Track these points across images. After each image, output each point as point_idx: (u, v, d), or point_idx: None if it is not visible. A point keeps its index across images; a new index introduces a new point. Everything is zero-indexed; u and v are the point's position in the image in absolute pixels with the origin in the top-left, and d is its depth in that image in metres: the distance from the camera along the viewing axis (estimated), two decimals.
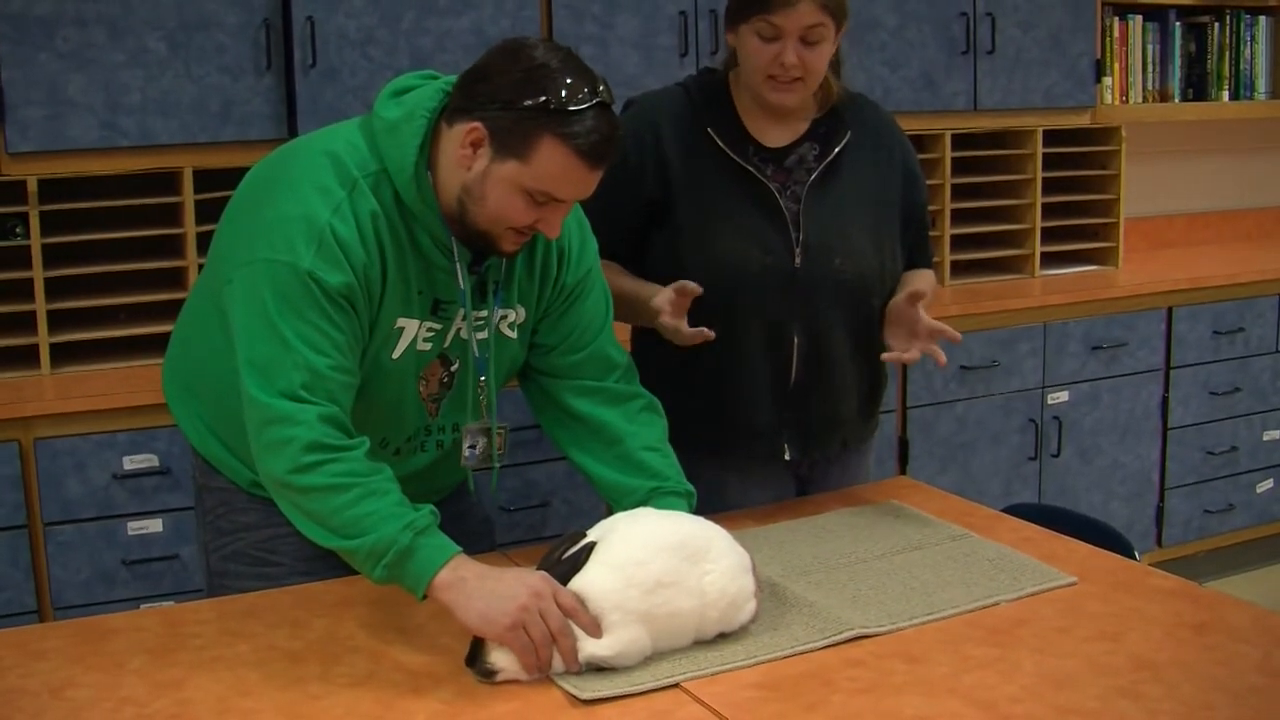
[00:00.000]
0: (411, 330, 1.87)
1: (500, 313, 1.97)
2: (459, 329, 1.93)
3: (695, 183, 2.23)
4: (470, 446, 1.98)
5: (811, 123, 2.28)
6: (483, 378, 1.96)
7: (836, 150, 2.25)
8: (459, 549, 1.71)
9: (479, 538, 2.16)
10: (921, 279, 2.35)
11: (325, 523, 1.71)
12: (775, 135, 2.26)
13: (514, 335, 2.00)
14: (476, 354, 1.94)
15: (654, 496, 1.95)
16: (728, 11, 2.21)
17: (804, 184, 2.24)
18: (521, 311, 2.01)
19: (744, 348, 2.23)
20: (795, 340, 2.23)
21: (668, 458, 2.02)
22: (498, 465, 2.02)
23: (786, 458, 2.30)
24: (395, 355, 1.86)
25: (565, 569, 1.65)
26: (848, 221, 2.26)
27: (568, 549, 1.68)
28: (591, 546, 1.66)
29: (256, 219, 1.81)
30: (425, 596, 1.68)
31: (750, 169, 2.22)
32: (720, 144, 2.22)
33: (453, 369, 1.96)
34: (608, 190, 2.18)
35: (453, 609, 1.65)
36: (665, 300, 2.07)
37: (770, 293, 2.21)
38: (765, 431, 2.28)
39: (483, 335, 1.96)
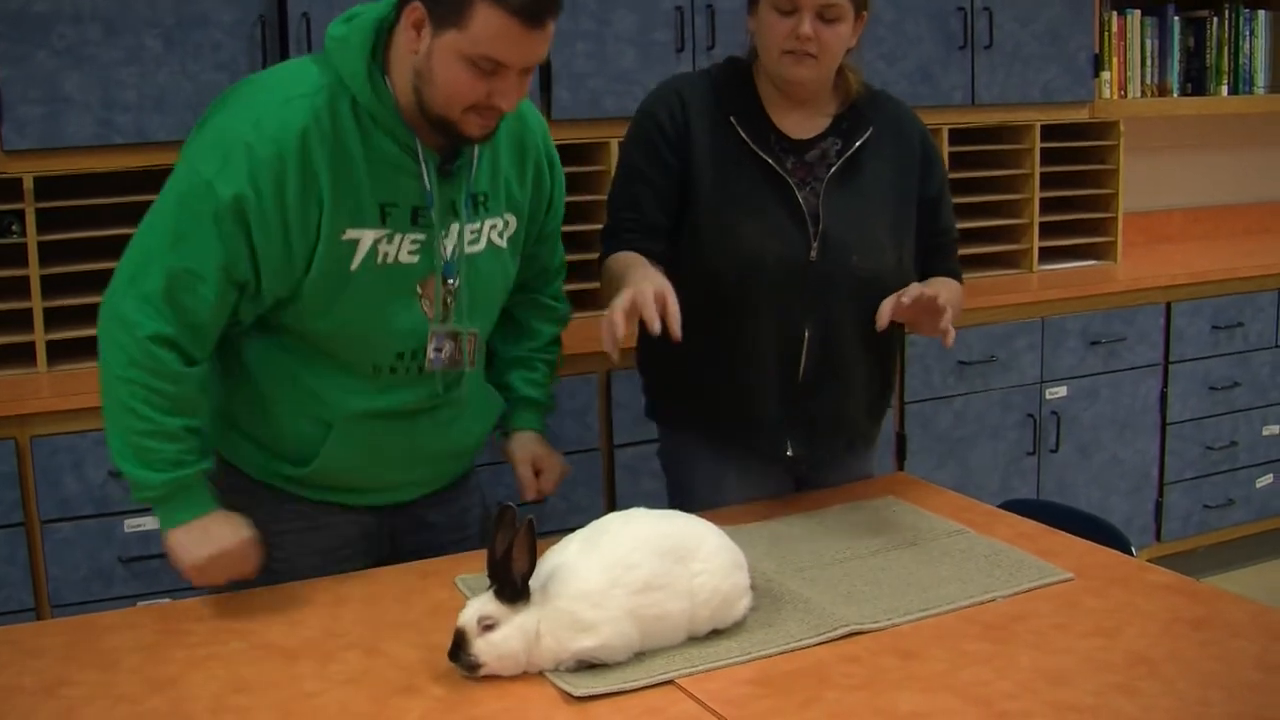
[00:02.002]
0: (367, 240, 1.88)
1: (490, 222, 2.00)
2: (454, 242, 1.96)
3: (716, 168, 2.22)
4: (436, 349, 1.98)
5: (834, 118, 2.28)
6: (451, 280, 1.97)
7: (858, 144, 2.24)
8: (195, 515, 1.88)
9: (478, 538, 2.16)
10: (938, 283, 2.29)
11: (117, 432, 1.89)
12: (798, 127, 2.26)
13: (504, 244, 2.04)
14: (446, 256, 1.95)
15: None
16: None
17: (824, 179, 2.22)
18: (512, 220, 2.05)
19: (755, 341, 2.22)
20: (806, 335, 2.21)
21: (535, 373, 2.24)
22: (467, 370, 2.03)
23: (789, 454, 2.29)
24: (354, 267, 1.88)
25: (496, 541, 1.61)
26: (867, 217, 2.24)
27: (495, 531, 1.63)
28: (508, 508, 1.63)
29: (188, 144, 1.90)
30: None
31: (770, 161, 2.21)
32: (742, 134, 2.22)
33: (454, 285, 1.97)
34: (645, 155, 2.24)
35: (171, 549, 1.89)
36: (627, 300, 1.87)
37: (784, 286, 2.19)
38: (770, 426, 2.27)
39: (478, 248, 1.99)
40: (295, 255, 1.85)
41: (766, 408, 2.25)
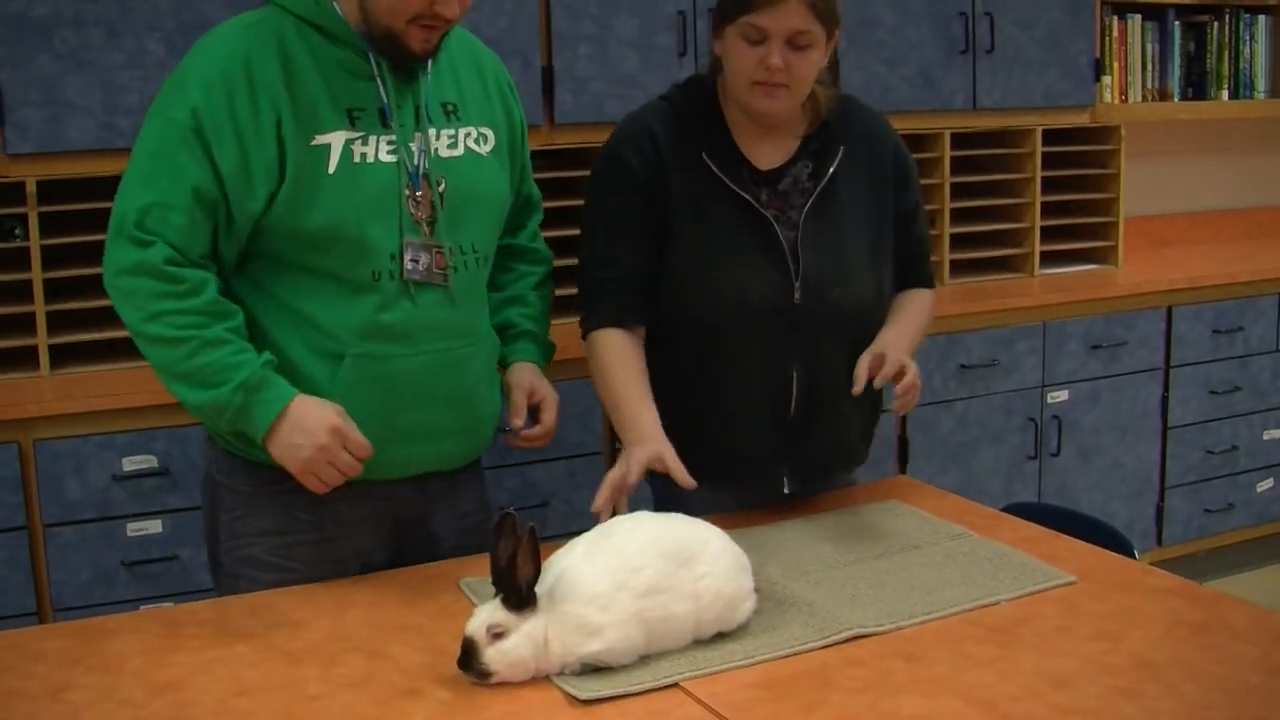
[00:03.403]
0: (338, 142, 1.93)
1: (465, 130, 2.05)
2: (430, 146, 2.00)
3: (694, 211, 2.15)
4: (412, 260, 1.98)
5: (802, 140, 2.21)
6: (418, 192, 1.99)
7: (831, 170, 2.17)
8: (288, 398, 1.89)
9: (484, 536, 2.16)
10: (907, 314, 2.26)
11: (170, 375, 1.91)
12: (767, 155, 2.19)
13: (486, 154, 2.08)
14: (409, 164, 1.98)
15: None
16: (713, 17, 2.14)
17: (800, 209, 2.16)
18: (489, 134, 2.10)
19: (743, 381, 2.17)
20: (795, 374, 2.17)
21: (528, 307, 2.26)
22: (448, 285, 2.02)
23: (786, 491, 2.25)
24: (331, 169, 1.93)
25: (499, 549, 1.61)
26: (846, 248, 2.18)
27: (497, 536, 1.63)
28: (508, 515, 1.62)
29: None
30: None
31: (747, 197, 2.14)
32: (716, 170, 2.14)
33: (441, 190, 2.00)
34: (622, 207, 2.17)
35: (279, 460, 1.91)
36: (617, 477, 1.98)
37: (769, 327, 2.14)
38: (763, 464, 2.22)
39: (456, 152, 2.04)
40: (255, 167, 1.89)
41: (758, 445, 2.21)
